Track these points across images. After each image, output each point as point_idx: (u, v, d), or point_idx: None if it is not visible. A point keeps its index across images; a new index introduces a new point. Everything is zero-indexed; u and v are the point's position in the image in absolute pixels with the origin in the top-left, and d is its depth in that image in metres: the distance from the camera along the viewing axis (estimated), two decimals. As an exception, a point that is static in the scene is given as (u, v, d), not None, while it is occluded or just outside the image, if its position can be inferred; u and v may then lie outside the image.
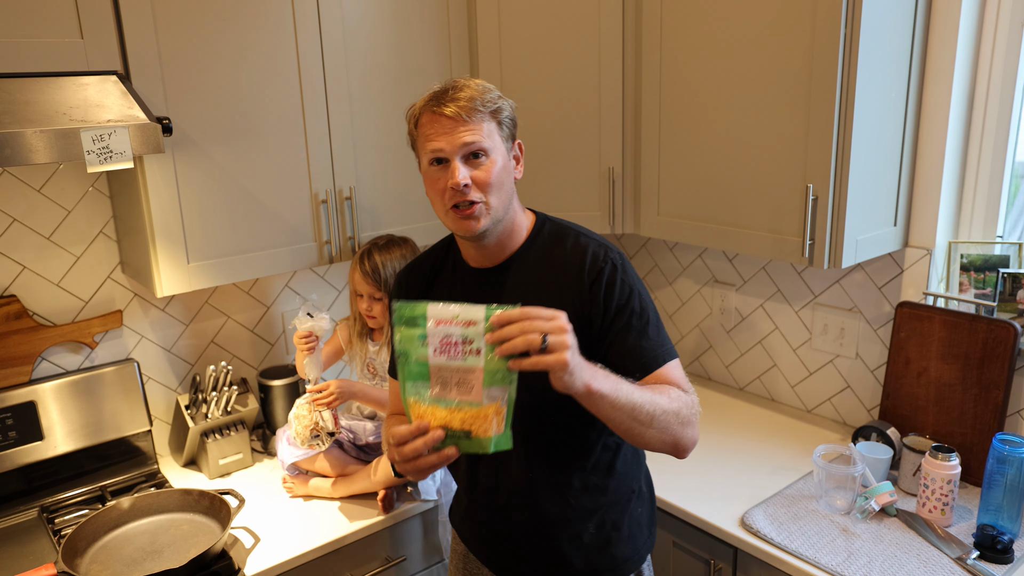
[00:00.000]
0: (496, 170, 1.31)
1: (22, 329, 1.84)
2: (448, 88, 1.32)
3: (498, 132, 1.33)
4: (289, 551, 1.68)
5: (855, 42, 1.62)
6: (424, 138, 1.33)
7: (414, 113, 1.36)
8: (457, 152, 1.30)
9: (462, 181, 1.28)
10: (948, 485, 1.67)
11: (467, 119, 1.29)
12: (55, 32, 1.51)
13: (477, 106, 1.29)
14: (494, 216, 1.33)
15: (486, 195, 1.31)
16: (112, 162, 1.46)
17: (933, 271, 1.94)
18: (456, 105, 1.29)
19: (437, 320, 1.12)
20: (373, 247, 1.90)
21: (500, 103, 1.33)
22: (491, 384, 1.11)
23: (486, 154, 1.31)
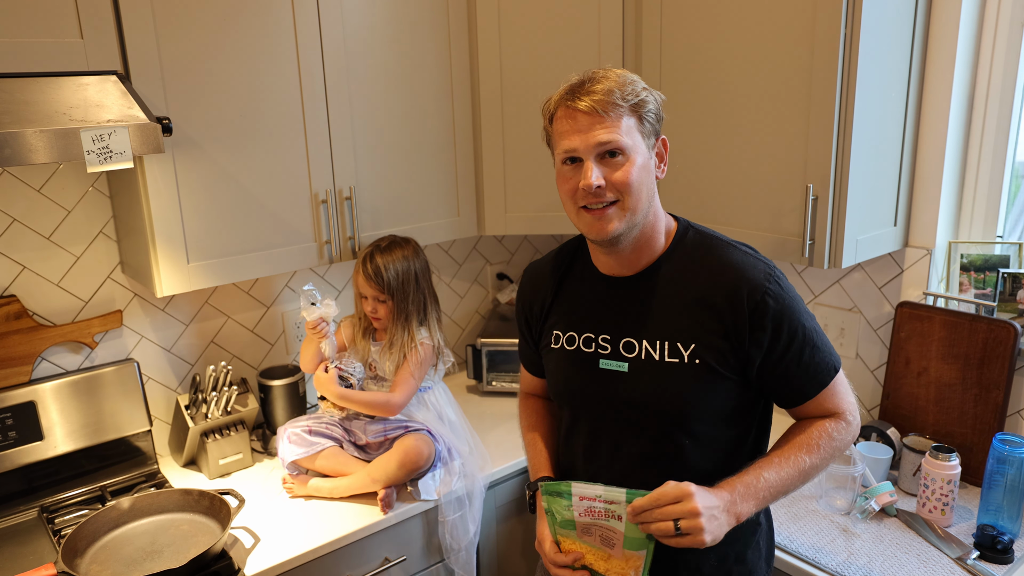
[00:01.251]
0: (635, 170, 1.20)
1: (22, 329, 1.84)
2: (585, 80, 1.22)
3: (638, 128, 1.22)
4: (289, 551, 1.68)
5: (855, 42, 1.62)
6: (558, 135, 1.24)
7: (548, 108, 1.27)
8: (592, 151, 1.20)
9: (595, 182, 1.19)
10: (948, 485, 1.67)
11: (603, 114, 1.19)
12: (55, 32, 1.51)
13: (616, 99, 1.19)
14: (630, 220, 1.23)
15: (623, 196, 1.21)
16: (112, 162, 1.46)
17: (933, 271, 1.94)
18: (591, 99, 1.19)
19: (581, 496, 1.22)
20: (376, 250, 1.90)
21: (644, 95, 1.22)
22: (631, 547, 1.21)
23: (624, 153, 1.20)
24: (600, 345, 1.33)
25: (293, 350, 2.31)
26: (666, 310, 1.28)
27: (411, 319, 1.91)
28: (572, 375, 1.36)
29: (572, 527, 1.25)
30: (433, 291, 1.98)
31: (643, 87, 1.23)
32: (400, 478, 1.83)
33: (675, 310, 1.27)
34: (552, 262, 1.44)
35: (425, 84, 2.07)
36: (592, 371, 1.33)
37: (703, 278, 1.26)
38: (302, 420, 1.97)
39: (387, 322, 1.92)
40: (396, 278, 1.87)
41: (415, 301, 1.92)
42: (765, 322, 1.22)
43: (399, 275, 1.88)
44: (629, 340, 1.30)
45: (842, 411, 1.30)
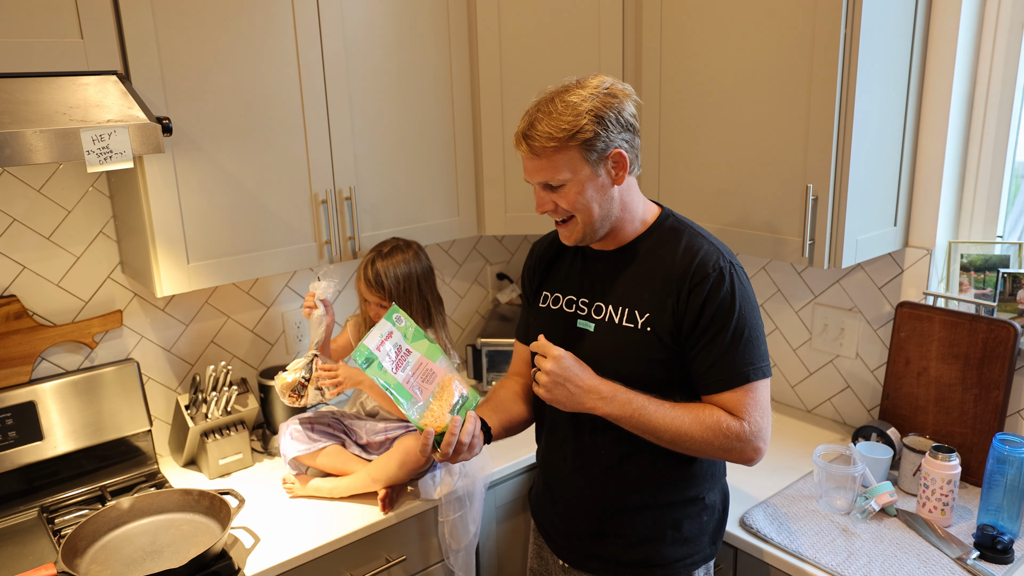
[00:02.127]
0: (576, 195, 1.36)
1: (22, 329, 1.84)
2: (526, 124, 1.36)
3: (581, 157, 1.33)
4: (289, 551, 1.68)
5: (855, 42, 1.62)
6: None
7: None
8: (537, 183, 1.38)
9: (540, 210, 1.40)
10: (948, 485, 1.67)
11: (538, 157, 1.34)
12: (55, 32, 1.51)
13: (548, 143, 1.32)
14: (589, 229, 1.40)
15: (573, 215, 1.38)
16: (112, 162, 1.46)
17: (933, 271, 1.94)
18: (529, 144, 1.34)
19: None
20: (377, 255, 1.90)
21: (584, 124, 1.31)
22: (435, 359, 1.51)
23: (563, 184, 1.35)
24: (579, 307, 1.49)
25: (293, 350, 2.31)
26: (632, 282, 1.42)
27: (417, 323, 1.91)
28: (555, 329, 1.50)
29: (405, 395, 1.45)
30: (437, 294, 1.98)
31: (588, 112, 1.31)
32: (400, 478, 1.83)
33: (640, 283, 1.41)
34: (553, 236, 1.62)
35: (425, 84, 2.07)
36: (570, 328, 1.49)
37: (668, 258, 1.40)
38: (305, 417, 1.97)
39: None
40: (397, 284, 1.87)
41: (418, 306, 1.91)
42: (700, 294, 1.34)
43: (400, 281, 1.87)
44: (599, 304, 1.46)
45: (744, 416, 1.35)
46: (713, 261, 1.37)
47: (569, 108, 1.31)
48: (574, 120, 1.31)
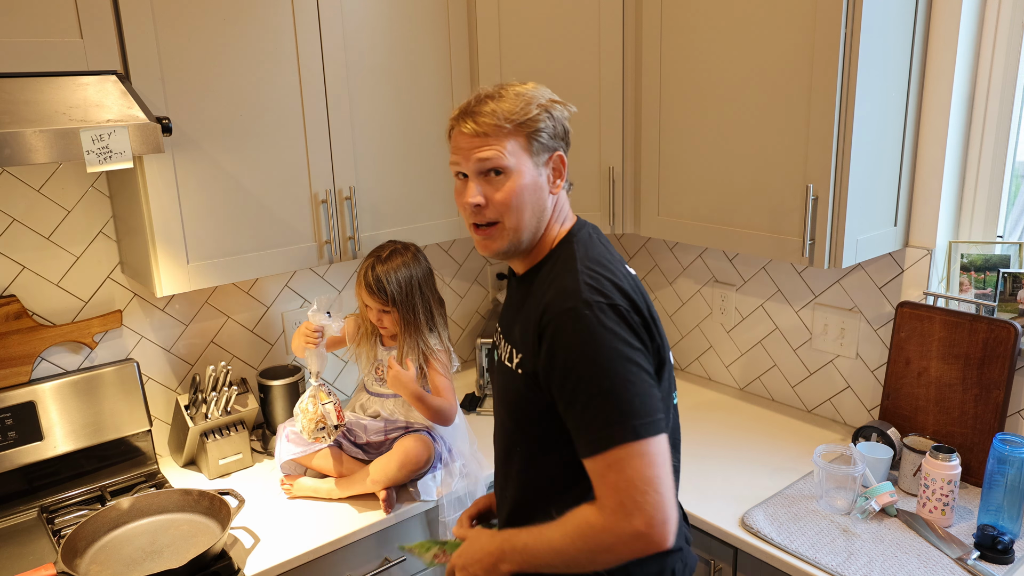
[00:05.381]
0: (516, 188, 1.22)
1: (22, 329, 1.83)
2: (473, 101, 1.26)
3: (526, 148, 1.23)
4: (289, 551, 1.68)
5: (855, 42, 1.62)
6: (451, 150, 1.29)
7: (449, 126, 1.31)
8: (474, 168, 1.24)
9: (472, 200, 1.23)
10: (948, 485, 1.67)
11: (485, 135, 1.22)
12: (55, 32, 1.51)
13: (500, 121, 1.21)
14: (514, 238, 1.25)
15: (503, 215, 1.24)
16: (112, 162, 1.46)
17: (933, 271, 1.94)
18: (474, 121, 1.22)
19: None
20: (376, 260, 1.88)
21: (536, 114, 1.23)
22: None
23: (505, 172, 1.23)
24: (497, 342, 1.40)
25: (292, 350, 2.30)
26: (519, 314, 1.29)
27: (421, 329, 1.90)
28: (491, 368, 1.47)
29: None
30: (438, 295, 1.97)
31: (538, 105, 1.23)
32: (400, 479, 1.83)
33: (522, 315, 1.28)
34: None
35: (425, 84, 2.07)
36: (494, 367, 1.41)
37: (543, 288, 1.24)
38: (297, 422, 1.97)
39: (394, 329, 1.92)
40: (399, 289, 1.86)
41: (422, 310, 1.90)
42: (544, 348, 1.17)
43: (401, 286, 1.86)
44: (502, 339, 1.38)
45: (604, 504, 1.09)
46: (569, 300, 1.15)
47: (520, 98, 1.23)
48: (526, 107, 1.23)
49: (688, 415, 2.28)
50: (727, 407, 2.35)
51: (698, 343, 2.54)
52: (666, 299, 2.60)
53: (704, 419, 2.27)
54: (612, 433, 1.09)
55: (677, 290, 2.56)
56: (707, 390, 2.47)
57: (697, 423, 2.23)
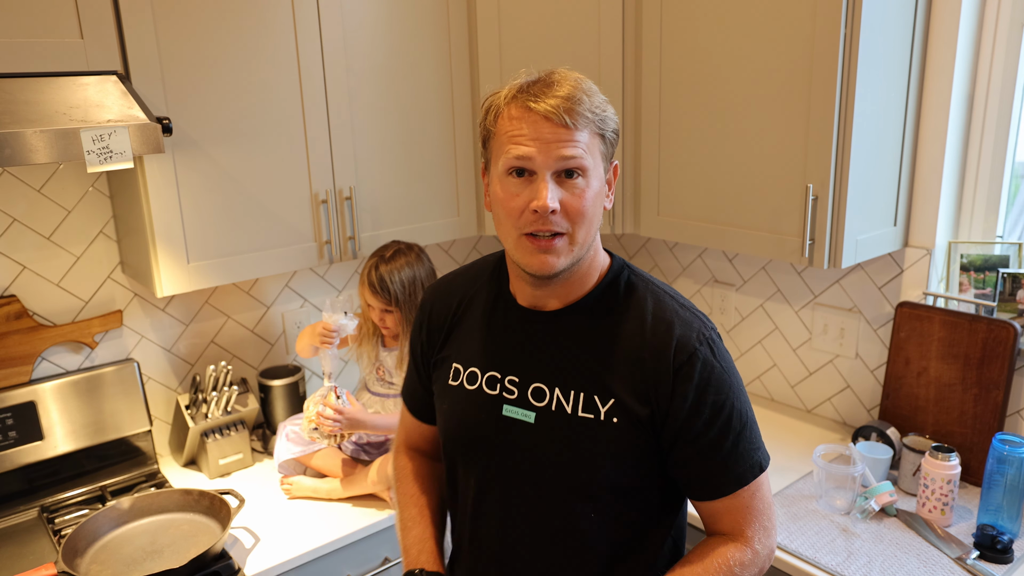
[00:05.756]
0: (592, 196, 1.04)
1: (22, 329, 1.84)
2: (545, 79, 1.05)
3: (600, 149, 1.06)
4: (289, 551, 1.68)
5: (855, 42, 1.62)
6: (507, 137, 1.04)
7: (496, 103, 1.07)
8: (551, 166, 1.01)
9: (551, 204, 1.00)
10: (948, 485, 1.67)
11: (570, 125, 1.01)
12: (55, 32, 1.51)
13: (584, 109, 1.02)
14: (576, 255, 1.06)
15: (574, 227, 1.04)
16: (112, 162, 1.46)
17: (933, 271, 1.94)
18: (558, 102, 1.01)
19: None
20: (379, 260, 1.89)
21: (609, 111, 1.07)
22: None
23: (584, 175, 1.03)
24: (506, 387, 1.13)
25: (293, 350, 2.31)
26: (586, 356, 1.10)
27: None
28: (469, 420, 1.15)
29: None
30: None
31: (606, 100, 1.08)
32: (400, 478, 1.83)
33: (596, 358, 1.09)
34: (464, 281, 1.24)
35: (425, 83, 2.07)
36: (493, 418, 1.13)
37: (632, 326, 1.09)
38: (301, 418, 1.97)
39: (396, 330, 1.92)
40: (402, 289, 1.86)
41: None
42: (688, 388, 1.05)
43: (404, 285, 1.86)
44: (539, 386, 1.11)
45: (749, 535, 1.11)
46: (695, 335, 1.08)
47: (592, 87, 1.07)
48: (605, 104, 1.06)
49: (688, 415, 2.28)
50: (727, 407, 2.35)
51: (698, 343, 2.54)
52: (666, 299, 2.60)
53: (704, 419, 2.26)
54: (758, 461, 1.11)
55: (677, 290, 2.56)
56: (707, 390, 2.47)
57: (697, 423, 2.23)
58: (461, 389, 1.17)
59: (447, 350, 1.21)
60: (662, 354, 1.06)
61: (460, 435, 1.18)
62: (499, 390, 1.14)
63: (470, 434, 1.15)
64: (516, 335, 1.14)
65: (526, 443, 1.11)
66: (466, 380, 1.17)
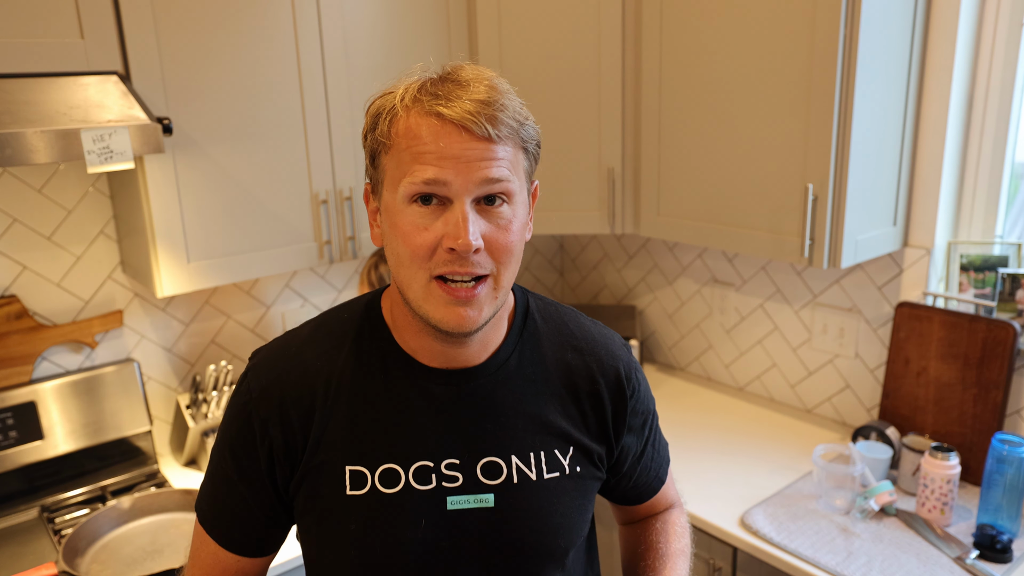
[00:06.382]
0: (518, 227, 0.85)
1: (22, 329, 1.84)
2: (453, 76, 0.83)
3: (524, 166, 0.87)
4: (289, 551, 1.68)
5: (855, 41, 1.63)
6: (408, 153, 0.81)
7: (389, 107, 0.84)
8: (472, 191, 0.80)
9: (474, 242, 0.79)
10: (947, 485, 1.67)
11: (494, 138, 0.80)
12: (55, 32, 1.51)
13: (508, 118, 0.82)
14: (500, 301, 0.86)
15: (499, 267, 0.84)
16: (112, 162, 1.46)
17: (933, 271, 1.94)
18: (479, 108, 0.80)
19: None
20: (380, 259, 1.89)
21: (530, 117, 0.88)
22: None
23: (510, 201, 0.84)
24: (444, 476, 0.90)
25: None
26: (531, 408, 0.93)
27: None
28: (401, 532, 0.89)
29: None
30: None
31: (522, 103, 0.87)
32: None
33: (542, 406, 0.94)
34: (319, 351, 0.93)
35: (425, 84, 2.07)
36: (436, 517, 0.90)
37: (569, 359, 0.96)
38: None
39: None
40: None
41: None
42: (639, 407, 1.00)
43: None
44: (491, 460, 0.92)
45: (677, 498, 1.15)
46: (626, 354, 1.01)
47: (504, 84, 0.86)
48: (524, 108, 0.86)
49: (688, 415, 2.28)
50: (726, 407, 2.35)
51: (697, 343, 2.54)
52: (666, 299, 2.61)
53: (703, 419, 2.27)
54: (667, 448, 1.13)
55: (677, 290, 2.56)
56: (706, 390, 2.47)
57: (696, 423, 2.24)
58: (374, 497, 0.89)
59: (324, 452, 0.90)
60: (616, 383, 0.98)
61: (389, 555, 0.90)
62: (436, 481, 0.90)
63: (407, 548, 0.89)
64: (437, 407, 0.91)
65: (486, 531, 0.91)
66: (380, 483, 0.89)
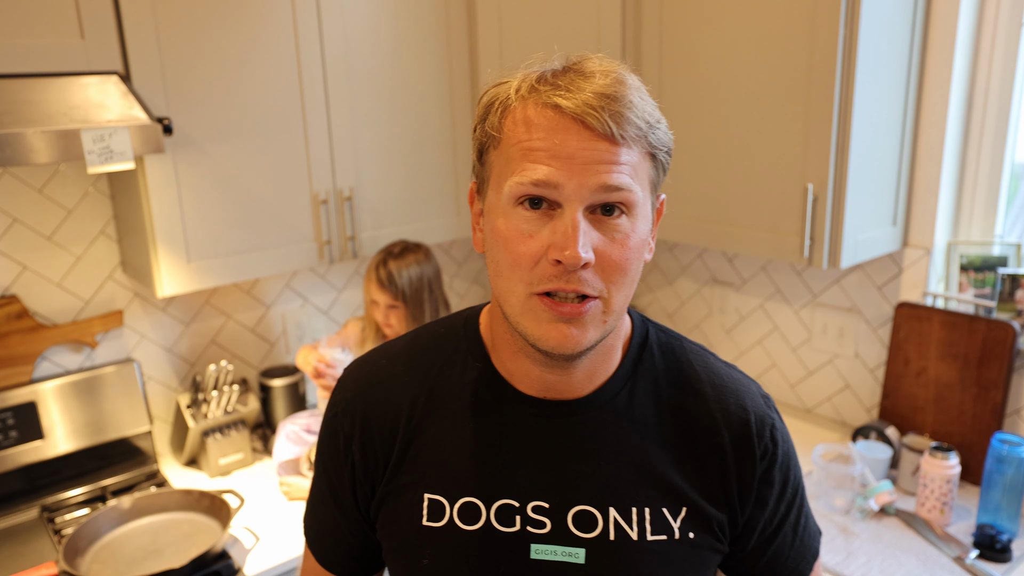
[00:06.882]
0: (636, 243, 0.74)
1: (23, 329, 1.84)
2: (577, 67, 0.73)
3: (650, 175, 0.75)
4: (289, 551, 1.68)
5: (854, 42, 1.63)
6: (518, 148, 0.72)
7: (502, 97, 0.77)
8: (586, 197, 0.70)
9: (583, 255, 0.69)
10: (947, 485, 1.67)
11: (618, 139, 0.70)
12: (56, 32, 1.52)
13: (636, 117, 0.71)
14: (610, 325, 0.75)
15: (611, 288, 0.73)
16: (113, 162, 1.46)
17: (932, 271, 1.94)
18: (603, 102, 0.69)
19: None
20: (388, 256, 1.89)
21: (663, 120, 0.76)
22: None
23: (630, 213, 0.73)
24: (530, 520, 0.80)
25: (293, 350, 2.31)
26: (640, 455, 0.81)
27: None
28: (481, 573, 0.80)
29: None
30: (445, 298, 1.98)
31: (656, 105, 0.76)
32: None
33: (653, 455, 0.81)
34: (412, 366, 0.86)
35: (425, 84, 2.07)
36: (517, 566, 0.80)
37: (691, 404, 0.83)
38: (302, 418, 1.97)
39: (399, 329, 1.92)
40: (409, 285, 1.86)
41: (429, 309, 1.91)
42: (774, 474, 0.84)
43: (412, 282, 1.87)
44: (585, 509, 0.80)
45: None
46: (761, 399, 0.86)
47: (645, 91, 0.75)
48: (658, 110, 0.75)
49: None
50: (726, 407, 2.35)
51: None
52: (666, 299, 2.61)
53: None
54: (819, 530, 0.92)
55: (677, 290, 2.56)
56: (707, 390, 2.47)
57: (696, 423, 2.23)
58: (451, 531, 0.80)
59: (405, 475, 0.83)
60: (742, 437, 0.82)
61: None
62: (520, 524, 0.80)
63: None
64: (531, 440, 0.81)
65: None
66: (459, 517, 0.81)
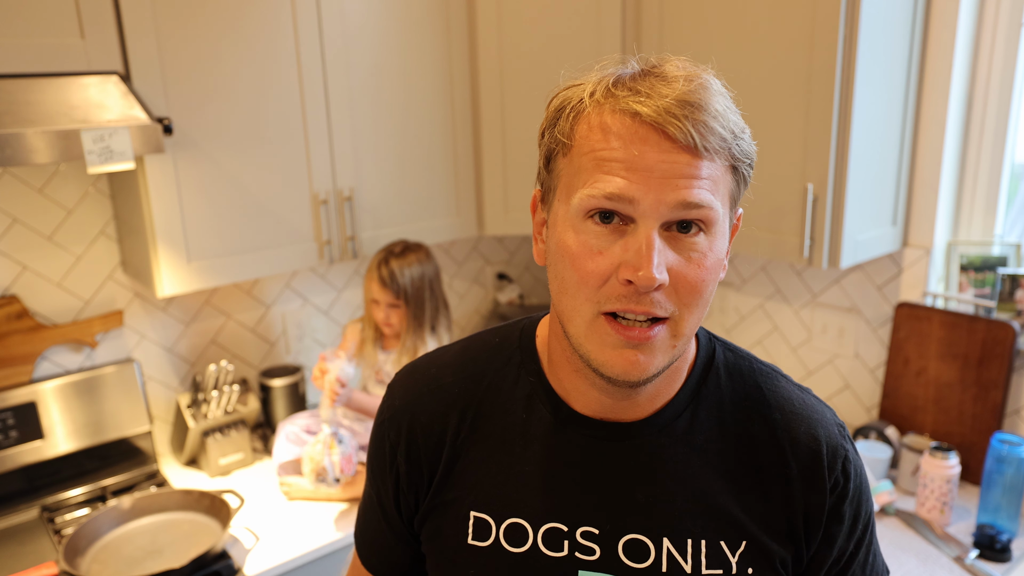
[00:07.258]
0: (713, 263, 0.70)
1: (23, 329, 1.84)
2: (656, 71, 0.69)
3: (730, 189, 0.73)
4: (289, 551, 1.69)
5: (854, 42, 1.63)
6: (591, 157, 0.69)
7: (575, 100, 0.73)
8: (663, 214, 0.67)
9: (658, 276, 0.65)
10: (947, 484, 1.68)
11: (700, 150, 0.67)
12: (56, 32, 1.52)
13: (721, 127, 0.68)
14: (678, 351, 0.72)
15: (683, 310, 0.70)
16: (113, 162, 1.46)
17: (932, 271, 1.94)
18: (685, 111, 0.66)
19: None
20: (389, 255, 1.90)
21: (747, 130, 0.74)
22: None
23: (708, 231, 0.69)
24: (579, 546, 0.77)
25: (293, 349, 2.31)
26: (699, 484, 0.76)
27: (424, 327, 1.91)
28: None
29: None
30: (444, 298, 1.98)
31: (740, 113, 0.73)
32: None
33: (710, 482, 0.76)
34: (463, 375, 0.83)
35: (425, 84, 2.07)
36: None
37: (758, 431, 0.78)
38: (301, 418, 1.97)
39: (399, 329, 1.92)
40: (411, 284, 1.87)
41: (429, 309, 1.91)
42: (844, 508, 0.77)
43: (414, 281, 1.87)
44: (637, 538, 0.76)
45: None
46: (835, 429, 0.80)
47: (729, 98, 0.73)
48: (742, 122, 0.73)
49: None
50: (726, 407, 2.35)
51: (698, 343, 2.54)
52: (666, 299, 2.61)
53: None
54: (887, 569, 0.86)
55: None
56: (706, 390, 2.47)
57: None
58: (497, 553, 0.78)
59: (451, 490, 0.81)
60: (812, 468, 0.76)
61: None
62: (568, 550, 0.76)
63: None
64: (583, 462, 0.77)
65: None
66: (504, 538, 0.78)
